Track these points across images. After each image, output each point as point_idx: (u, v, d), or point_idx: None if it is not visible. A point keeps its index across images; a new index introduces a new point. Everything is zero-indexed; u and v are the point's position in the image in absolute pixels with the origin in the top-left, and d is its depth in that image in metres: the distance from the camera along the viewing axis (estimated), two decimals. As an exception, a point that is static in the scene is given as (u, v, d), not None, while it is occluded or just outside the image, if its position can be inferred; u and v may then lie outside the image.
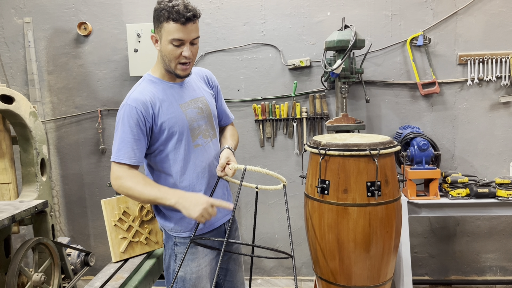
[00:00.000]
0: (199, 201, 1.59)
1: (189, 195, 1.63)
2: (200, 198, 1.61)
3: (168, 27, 1.61)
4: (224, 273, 2.00)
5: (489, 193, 2.66)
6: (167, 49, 1.65)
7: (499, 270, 3.25)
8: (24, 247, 2.00)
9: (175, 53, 1.65)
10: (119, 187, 1.66)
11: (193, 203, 1.58)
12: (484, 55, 2.98)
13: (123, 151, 1.65)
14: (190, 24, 1.62)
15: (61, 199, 3.49)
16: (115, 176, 1.67)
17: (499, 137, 3.09)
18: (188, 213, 1.58)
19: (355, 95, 3.14)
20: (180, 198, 1.60)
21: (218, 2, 3.16)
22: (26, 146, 2.56)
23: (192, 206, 1.58)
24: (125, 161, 1.65)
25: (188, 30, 1.62)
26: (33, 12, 3.28)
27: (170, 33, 1.62)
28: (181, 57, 1.66)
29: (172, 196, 1.61)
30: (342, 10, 3.08)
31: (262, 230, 3.36)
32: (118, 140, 1.66)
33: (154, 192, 1.63)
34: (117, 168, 1.67)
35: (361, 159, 1.99)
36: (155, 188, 1.65)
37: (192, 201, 1.59)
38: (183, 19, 1.59)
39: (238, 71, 3.22)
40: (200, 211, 1.56)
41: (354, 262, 2.06)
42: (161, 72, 1.77)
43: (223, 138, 1.97)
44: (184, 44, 1.65)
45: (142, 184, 1.64)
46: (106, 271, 2.32)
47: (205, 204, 1.58)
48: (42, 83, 3.35)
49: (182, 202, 1.59)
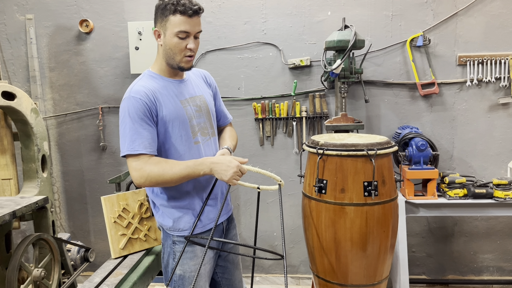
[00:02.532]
0: (230, 166, 1.66)
1: (219, 160, 1.69)
2: (230, 162, 1.68)
3: (174, 20, 1.65)
4: (222, 271, 2.02)
5: (486, 194, 2.68)
6: (172, 42, 1.69)
7: (496, 270, 3.27)
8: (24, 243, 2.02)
9: (180, 45, 1.69)
10: (146, 178, 1.64)
11: (224, 168, 1.66)
12: (484, 56, 2.99)
13: (138, 142, 1.63)
14: (195, 17, 1.68)
15: (61, 195, 3.51)
16: (137, 169, 1.64)
17: (497, 138, 3.10)
18: (220, 177, 1.66)
19: (355, 95, 3.16)
20: (212, 164, 1.68)
21: (219, 1, 3.17)
22: (27, 143, 2.58)
23: (224, 171, 1.66)
24: (142, 151, 1.63)
25: (194, 22, 1.68)
26: (35, 9, 3.30)
27: (176, 26, 1.65)
28: (186, 49, 1.70)
29: (204, 166, 1.67)
30: (343, 10, 3.09)
31: (261, 228, 3.38)
32: (128, 132, 1.64)
33: (184, 169, 1.66)
34: (135, 162, 1.64)
35: (358, 159, 2.01)
36: (183, 165, 1.67)
37: (224, 165, 1.67)
38: (190, 11, 1.64)
39: (238, 69, 3.23)
40: (231, 175, 1.65)
41: (351, 261, 2.08)
42: (161, 68, 1.79)
43: (222, 139, 1.99)
44: (189, 36, 1.69)
45: (169, 167, 1.65)
46: (105, 267, 2.35)
47: (236, 168, 1.66)
48: (44, 79, 3.37)
49: (215, 168, 1.67)
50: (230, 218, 2.04)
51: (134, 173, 1.64)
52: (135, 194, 2.57)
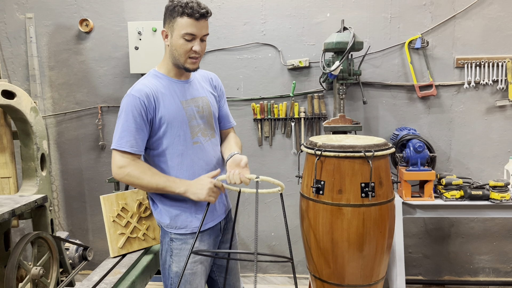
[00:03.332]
0: (203, 184, 1.71)
1: (193, 182, 1.74)
2: (202, 181, 1.73)
3: (181, 22, 1.68)
4: (220, 270, 2.04)
5: (482, 196, 2.70)
6: (178, 43, 1.71)
7: (492, 271, 3.29)
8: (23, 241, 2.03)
9: (186, 47, 1.71)
10: (125, 176, 1.69)
11: (199, 187, 1.70)
12: (481, 58, 3.01)
13: (125, 139, 1.68)
14: (202, 20, 1.70)
15: (60, 194, 3.52)
16: (119, 165, 1.69)
17: (494, 140, 3.12)
18: (198, 198, 1.70)
19: (353, 96, 3.17)
20: (188, 186, 1.71)
21: (219, 2, 3.18)
22: (26, 141, 2.59)
23: (199, 190, 1.69)
24: (127, 149, 1.68)
25: (201, 26, 1.70)
26: (35, 8, 3.30)
27: (183, 28, 1.68)
28: (191, 51, 1.73)
29: (181, 184, 1.72)
30: (342, 11, 3.10)
31: (259, 228, 3.40)
32: (120, 128, 1.70)
33: (163, 181, 1.70)
34: (119, 157, 1.70)
35: (356, 160, 2.03)
36: (164, 177, 1.72)
37: (198, 185, 1.71)
38: (198, 14, 1.67)
39: (237, 70, 3.25)
40: (206, 193, 1.70)
41: (348, 261, 2.09)
42: (167, 68, 1.82)
43: (229, 145, 1.96)
44: (195, 39, 1.71)
45: (150, 174, 1.70)
46: (104, 266, 2.36)
47: (209, 185, 1.71)
48: (43, 78, 3.38)
49: (190, 189, 1.71)
50: (228, 218, 2.05)
51: (115, 167, 1.71)
52: (134, 194, 2.58)
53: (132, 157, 1.70)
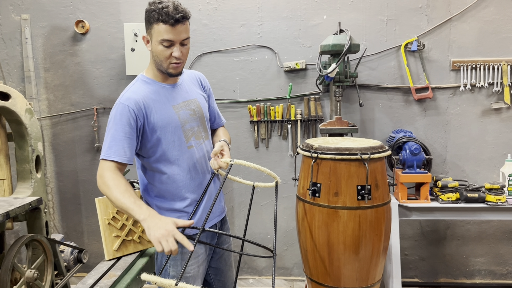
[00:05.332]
0: (162, 227, 1.45)
1: (159, 218, 1.50)
2: (166, 224, 1.46)
3: (158, 28, 1.64)
4: (215, 273, 2.03)
5: (478, 198, 2.70)
6: (158, 50, 1.69)
7: (487, 274, 3.30)
8: (17, 244, 2.02)
9: (165, 53, 1.69)
10: (102, 184, 1.62)
11: (157, 226, 1.45)
12: (477, 61, 3.02)
13: (114, 149, 1.65)
14: (179, 25, 1.65)
15: (55, 196, 3.50)
16: (101, 172, 1.64)
17: (490, 143, 3.13)
18: (148, 233, 1.46)
19: (349, 98, 3.18)
20: (149, 217, 1.49)
21: (215, 3, 3.18)
22: (21, 143, 2.58)
23: (152, 230, 1.44)
24: (115, 159, 1.64)
25: (178, 31, 1.65)
26: (31, 9, 3.29)
27: (160, 34, 1.65)
28: (172, 57, 1.70)
29: (144, 212, 1.51)
30: (338, 14, 3.11)
31: (255, 230, 3.39)
32: (109, 138, 1.67)
33: (129, 202, 1.54)
34: (105, 166, 1.64)
35: (352, 163, 2.02)
36: (132, 199, 1.55)
37: (158, 223, 1.46)
38: (172, 20, 1.62)
39: (234, 72, 3.25)
40: (158, 235, 1.43)
41: (344, 264, 2.09)
42: (154, 73, 1.80)
43: (216, 136, 2.01)
44: (174, 45, 1.68)
45: (122, 190, 1.57)
46: (99, 268, 2.35)
47: (166, 231, 1.44)
48: (39, 80, 3.37)
49: (148, 221, 1.48)
50: (224, 220, 2.05)
51: (98, 175, 1.64)
52: (130, 196, 2.57)
53: (119, 165, 1.66)
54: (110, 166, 1.64)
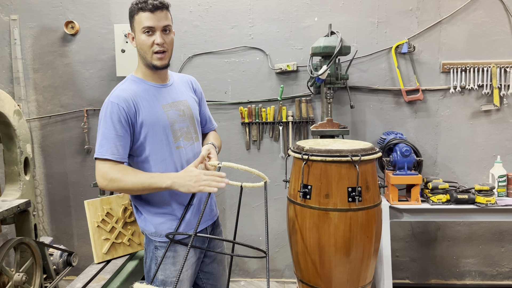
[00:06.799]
0: (191, 174, 1.61)
1: (180, 173, 1.65)
2: (190, 171, 1.63)
3: (139, 18, 1.70)
4: (207, 277, 2.01)
5: (468, 199, 2.72)
6: (141, 40, 1.72)
7: (477, 274, 3.31)
8: (5, 247, 1.99)
9: (148, 42, 1.71)
10: (109, 182, 1.64)
11: (187, 179, 1.60)
12: (467, 64, 3.04)
13: (106, 147, 1.65)
14: (158, 11, 1.69)
15: (44, 199, 3.46)
16: (101, 173, 1.66)
17: (479, 145, 3.15)
18: (188, 190, 1.61)
19: (340, 100, 3.18)
20: (175, 178, 1.62)
21: (206, 5, 3.17)
22: (9, 145, 2.54)
23: (187, 182, 1.60)
24: (108, 157, 1.65)
25: (157, 17, 1.70)
26: (20, 10, 3.25)
27: (141, 23, 1.69)
28: (154, 45, 1.72)
29: (166, 178, 1.63)
30: (329, 16, 3.11)
31: (247, 232, 3.38)
32: (100, 136, 1.68)
33: (147, 178, 1.63)
34: (101, 165, 1.66)
35: (342, 165, 2.03)
36: (148, 175, 1.66)
37: (186, 177, 1.61)
38: (150, 6, 1.68)
39: (225, 73, 3.24)
40: (195, 182, 1.59)
41: (335, 266, 2.09)
42: (142, 72, 1.81)
43: (206, 140, 2.01)
44: (155, 31, 1.71)
45: (133, 174, 1.65)
46: (87, 272, 2.32)
47: (197, 172, 1.61)
48: (28, 81, 3.33)
49: (177, 182, 1.61)
50: (216, 224, 2.03)
51: (98, 177, 1.68)
52: (119, 198, 2.55)
53: (113, 163, 1.67)
54: (107, 165, 1.66)
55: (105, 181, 1.65)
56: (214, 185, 1.59)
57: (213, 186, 1.59)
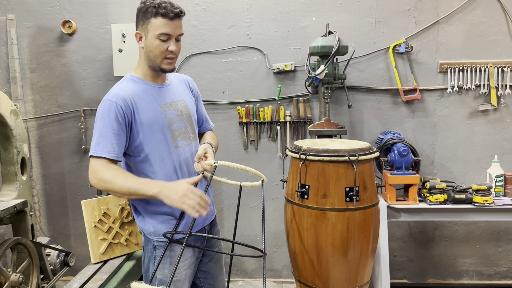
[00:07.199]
0: (179, 188, 1.56)
1: (169, 184, 1.61)
2: (179, 185, 1.58)
3: (156, 22, 1.67)
4: (205, 276, 2.00)
5: (466, 199, 2.72)
6: (154, 44, 1.70)
7: (475, 274, 3.32)
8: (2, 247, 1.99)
9: (161, 48, 1.70)
10: (98, 181, 1.62)
11: (173, 191, 1.55)
12: (464, 63, 3.05)
13: (102, 145, 1.64)
14: (176, 20, 1.70)
15: (41, 199, 3.45)
16: (93, 170, 1.64)
17: (477, 144, 3.16)
18: (170, 202, 1.56)
19: (338, 100, 3.18)
20: (162, 188, 1.58)
21: (204, 4, 3.17)
22: (6, 145, 2.53)
23: (173, 195, 1.55)
24: (104, 155, 1.63)
25: (175, 25, 1.70)
26: (17, 9, 3.24)
27: (158, 28, 1.67)
28: (167, 52, 1.72)
29: (154, 186, 1.59)
30: (327, 16, 3.11)
31: (244, 232, 3.38)
32: (97, 134, 1.66)
33: (135, 184, 1.60)
34: (95, 163, 1.64)
35: (340, 164, 2.02)
36: (136, 180, 1.63)
37: (173, 189, 1.56)
38: (172, 14, 1.66)
39: (223, 73, 3.23)
40: (177, 199, 1.54)
41: (332, 266, 2.09)
42: (143, 72, 1.80)
43: (202, 140, 2.00)
44: (171, 39, 1.71)
45: (122, 177, 1.62)
46: (84, 272, 2.32)
47: (185, 191, 1.55)
48: (25, 81, 3.32)
49: (163, 191, 1.57)
50: (213, 223, 2.03)
51: (90, 174, 1.65)
52: (116, 198, 2.55)
53: (109, 162, 1.65)
54: (101, 163, 1.63)
55: (95, 180, 1.63)
56: (197, 209, 1.54)
57: (196, 210, 1.54)
